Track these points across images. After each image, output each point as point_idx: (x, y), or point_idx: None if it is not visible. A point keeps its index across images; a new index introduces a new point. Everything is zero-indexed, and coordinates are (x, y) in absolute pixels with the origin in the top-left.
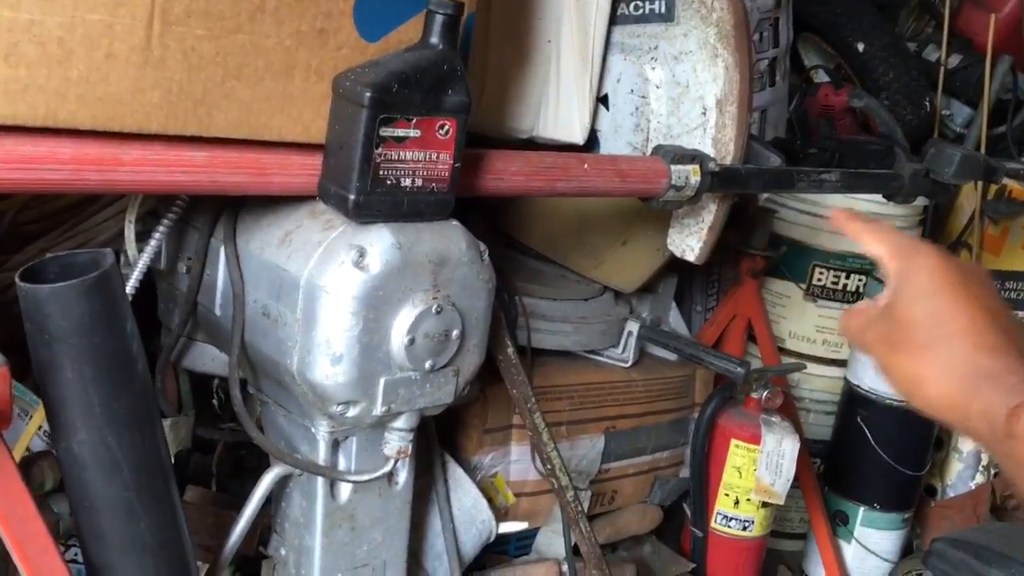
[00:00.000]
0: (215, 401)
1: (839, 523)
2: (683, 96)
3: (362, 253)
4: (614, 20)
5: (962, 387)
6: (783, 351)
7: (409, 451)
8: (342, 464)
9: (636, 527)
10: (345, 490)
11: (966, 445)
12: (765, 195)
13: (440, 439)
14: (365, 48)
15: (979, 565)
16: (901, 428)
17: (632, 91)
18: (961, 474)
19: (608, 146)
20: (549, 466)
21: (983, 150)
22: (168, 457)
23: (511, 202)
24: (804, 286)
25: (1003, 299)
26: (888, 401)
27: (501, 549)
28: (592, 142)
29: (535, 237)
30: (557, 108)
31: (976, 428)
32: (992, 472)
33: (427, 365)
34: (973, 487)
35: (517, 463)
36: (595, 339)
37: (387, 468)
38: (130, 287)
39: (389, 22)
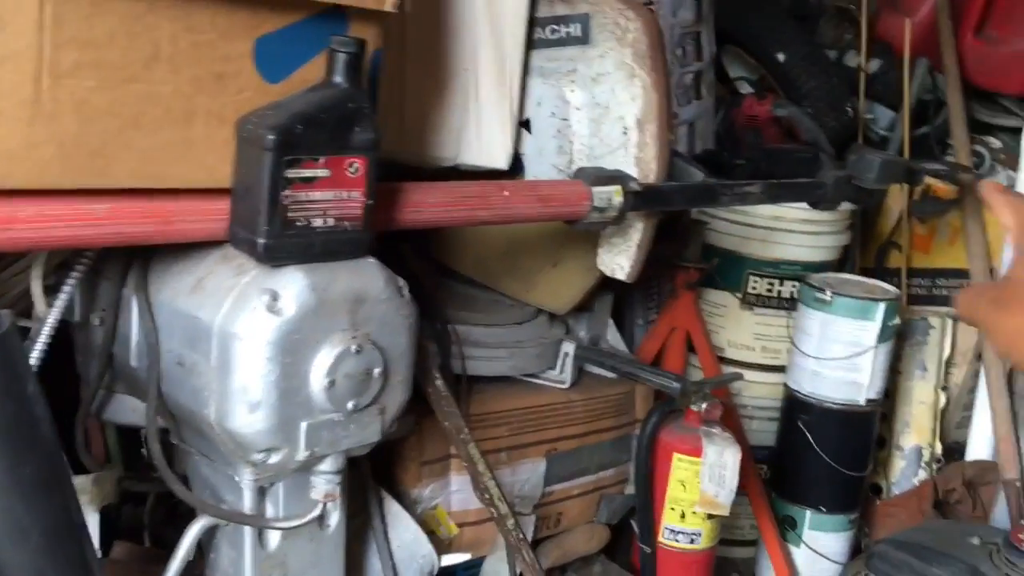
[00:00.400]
0: (144, 451)
1: (787, 528)
2: (604, 117)
3: (275, 297)
4: (531, 45)
5: None
6: (723, 360)
7: (337, 494)
8: (270, 511)
9: (584, 548)
10: (274, 537)
11: (908, 442)
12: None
13: (377, 474)
14: (268, 90)
15: (920, 565)
16: (841, 430)
17: (553, 114)
18: (904, 471)
19: (533, 169)
20: (487, 496)
21: (906, 152)
22: (82, 518)
23: (440, 229)
24: (740, 295)
25: None
26: (827, 405)
27: None
28: (517, 166)
29: (466, 263)
30: (479, 134)
31: None
32: (934, 467)
33: (350, 405)
34: (916, 483)
35: (458, 493)
36: (531, 363)
37: (316, 513)
38: (41, 344)
39: (291, 63)
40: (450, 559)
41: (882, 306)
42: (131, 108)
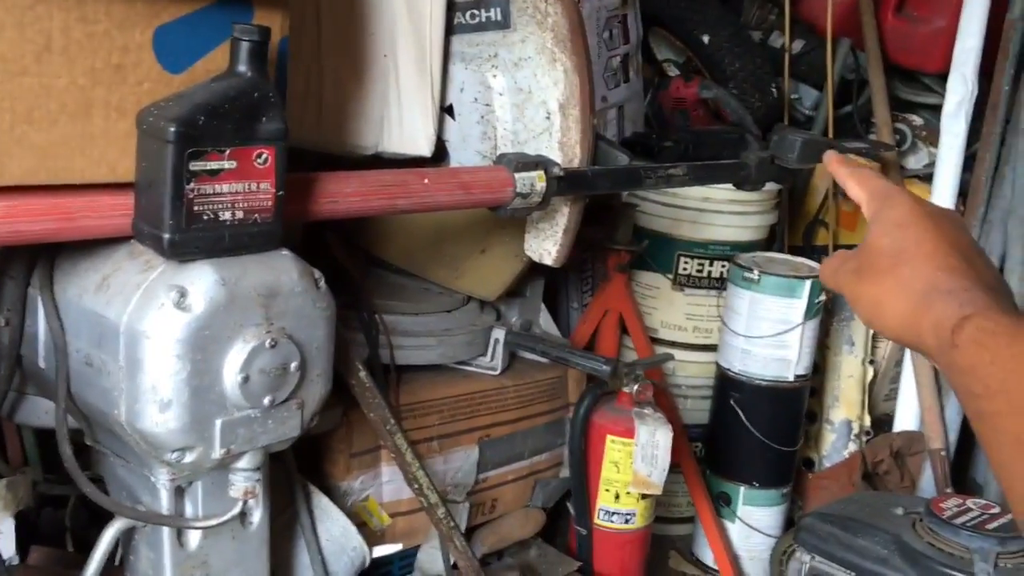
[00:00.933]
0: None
1: (722, 504)
2: (527, 102)
3: (183, 293)
4: (451, 30)
5: (917, 303)
6: (656, 341)
7: (257, 491)
8: (189, 511)
9: (520, 532)
10: (194, 537)
11: (837, 416)
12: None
13: (306, 467)
14: (170, 80)
15: (846, 536)
16: (772, 406)
17: (476, 100)
18: (835, 444)
19: (458, 156)
20: (416, 486)
21: (831, 131)
22: None
23: (367, 218)
24: (671, 276)
25: (973, 240)
26: (757, 382)
27: (384, 571)
28: (442, 153)
29: (393, 252)
30: (400, 122)
31: (927, 343)
32: (863, 439)
33: (266, 401)
34: (847, 456)
35: (390, 483)
36: (460, 350)
37: (236, 511)
38: None
39: (193, 52)
40: (383, 550)
41: (808, 283)
42: (24, 102)
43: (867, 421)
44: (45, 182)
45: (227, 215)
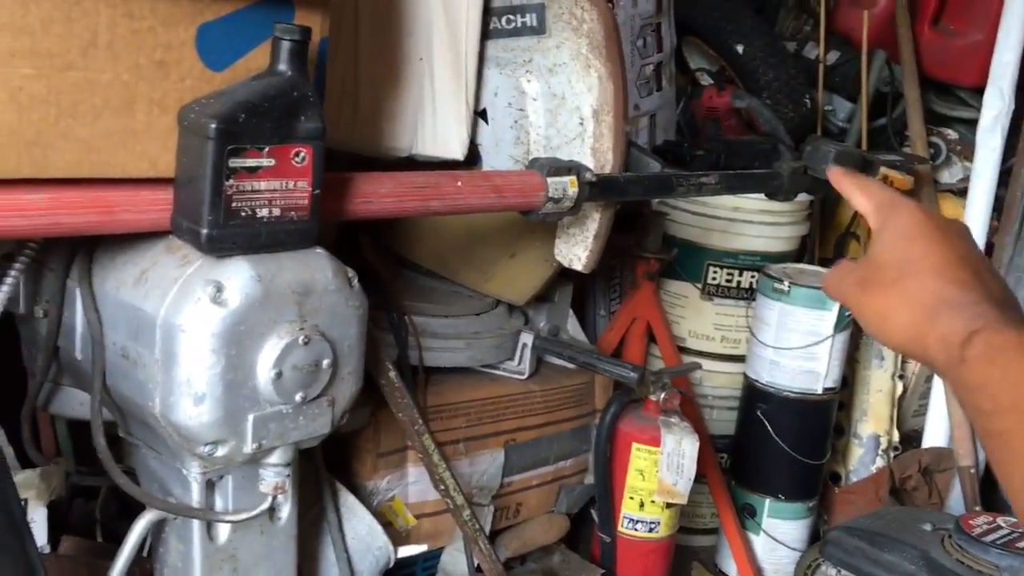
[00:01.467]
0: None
1: (747, 516)
2: (560, 107)
3: (219, 288)
4: (487, 35)
5: (924, 316)
6: (684, 350)
7: (287, 486)
8: (219, 504)
9: (543, 538)
10: (224, 531)
11: (865, 430)
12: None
13: (334, 466)
14: (211, 78)
15: (873, 551)
16: (800, 419)
17: (510, 104)
18: (862, 459)
19: (490, 160)
20: (443, 487)
21: (864, 143)
22: (23, 513)
23: (398, 221)
24: (700, 285)
25: (980, 251)
26: (785, 394)
27: (408, 572)
28: (475, 157)
29: (424, 254)
30: (434, 125)
31: (934, 356)
32: (892, 455)
33: (298, 397)
34: (874, 471)
35: (416, 484)
36: (489, 354)
37: (265, 505)
38: None
39: (235, 51)
40: (408, 550)
41: None
42: (69, 96)
43: (895, 436)
44: (87, 175)
45: (264, 212)
